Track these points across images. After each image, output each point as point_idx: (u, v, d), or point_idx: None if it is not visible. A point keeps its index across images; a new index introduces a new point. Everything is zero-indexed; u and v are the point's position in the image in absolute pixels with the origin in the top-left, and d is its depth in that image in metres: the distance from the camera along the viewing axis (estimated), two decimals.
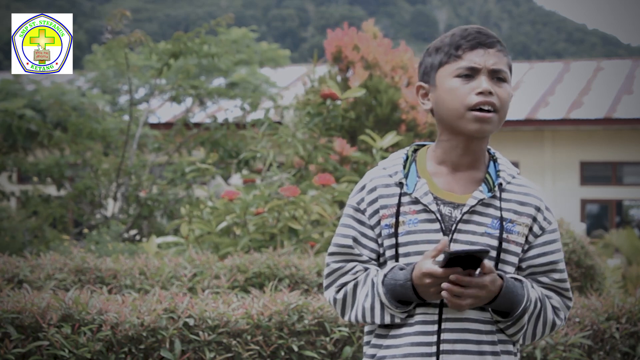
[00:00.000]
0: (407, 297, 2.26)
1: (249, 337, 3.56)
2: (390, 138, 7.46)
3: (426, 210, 2.29)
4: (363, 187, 2.37)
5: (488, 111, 2.29)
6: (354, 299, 2.33)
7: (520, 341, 2.33)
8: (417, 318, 2.28)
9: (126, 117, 12.19)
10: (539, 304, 2.32)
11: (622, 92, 19.97)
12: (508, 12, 73.10)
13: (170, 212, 10.44)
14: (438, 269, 2.17)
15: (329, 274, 2.38)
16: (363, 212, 2.35)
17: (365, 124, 11.37)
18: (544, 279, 2.36)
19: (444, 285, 2.17)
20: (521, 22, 70.94)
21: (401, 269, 2.27)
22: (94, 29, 48.87)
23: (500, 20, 71.94)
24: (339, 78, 12.19)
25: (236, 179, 11.12)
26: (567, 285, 2.40)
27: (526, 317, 2.29)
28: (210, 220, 6.44)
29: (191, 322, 3.49)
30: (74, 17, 5.57)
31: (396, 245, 2.30)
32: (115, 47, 10.18)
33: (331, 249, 2.38)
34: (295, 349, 3.59)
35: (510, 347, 2.32)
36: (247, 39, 13.70)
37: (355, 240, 2.34)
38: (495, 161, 2.40)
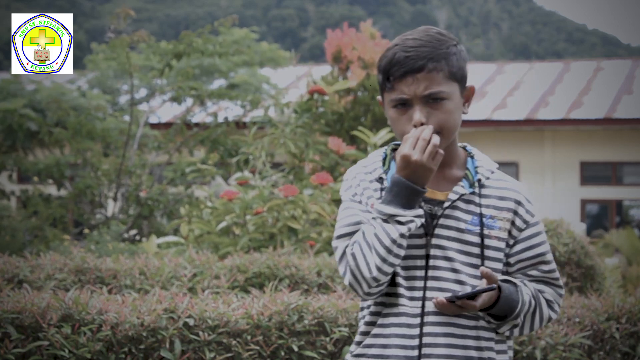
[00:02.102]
0: (405, 192, 2.23)
1: (249, 337, 3.56)
2: (384, 134, 7.45)
3: None
4: (350, 185, 2.39)
5: None
6: (367, 241, 2.25)
7: (516, 334, 2.36)
8: (401, 309, 2.29)
9: (126, 117, 12.20)
10: (533, 302, 2.34)
11: (622, 92, 19.97)
12: (508, 12, 73.09)
13: (170, 212, 10.45)
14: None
15: (341, 256, 2.32)
16: (359, 202, 2.36)
17: (363, 124, 11.37)
18: (533, 272, 2.38)
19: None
20: (521, 22, 70.93)
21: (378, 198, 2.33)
22: (94, 29, 48.89)
23: (500, 20, 71.94)
24: (340, 78, 12.19)
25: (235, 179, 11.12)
26: (557, 274, 2.42)
27: (520, 317, 2.32)
28: (210, 220, 6.44)
29: (191, 322, 3.49)
30: (74, 17, 5.57)
31: None
32: (118, 46, 10.18)
33: (338, 232, 2.34)
34: (295, 349, 3.59)
35: (492, 344, 2.33)
36: (247, 40, 13.69)
37: (361, 222, 2.32)
38: (472, 157, 2.40)
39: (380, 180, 2.35)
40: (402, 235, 2.23)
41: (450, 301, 2.24)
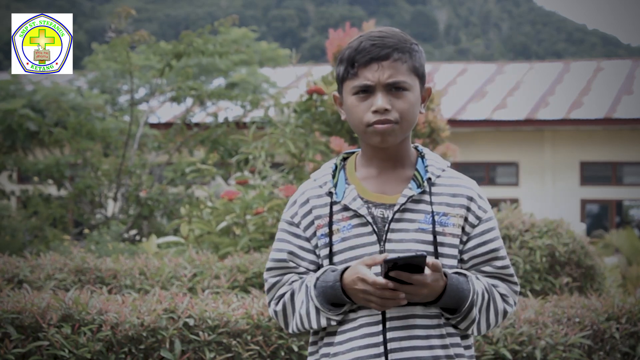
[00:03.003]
0: (339, 300, 2.28)
1: (249, 337, 3.56)
2: None
3: (357, 215, 2.32)
4: (295, 202, 2.40)
5: (387, 123, 2.30)
6: (293, 308, 2.35)
7: (475, 332, 2.35)
8: (360, 321, 2.29)
9: (126, 117, 12.20)
10: (486, 295, 2.34)
11: (622, 92, 19.97)
12: (508, 12, 73.08)
13: (170, 212, 10.45)
14: (371, 276, 2.19)
15: (268, 290, 2.40)
16: (297, 225, 2.37)
17: None
18: (487, 268, 2.38)
19: (376, 293, 2.19)
20: (521, 22, 70.92)
21: (333, 270, 2.30)
22: (94, 29, 48.88)
23: (500, 20, 71.94)
24: None
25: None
26: (511, 270, 2.41)
27: (475, 310, 2.31)
28: (210, 220, 6.44)
29: (191, 322, 3.49)
30: (74, 17, 5.57)
31: (331, 254, 2.33)
32: (119, 45, 10.17)
33: (268, 264, 2.40)
34: (295, 349, 3.59)
35: (457, 340, 2.33)
36: (247, 39, 13.70)
37: (291, 253, 2.36)
38: (422, 157, 2.41)
39: (329, 194, 2.36)
40: (325, 325, 2.31)
41: (385, 275, 2.18)
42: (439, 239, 2.31)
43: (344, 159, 2.43)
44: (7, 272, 4.90)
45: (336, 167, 2.41)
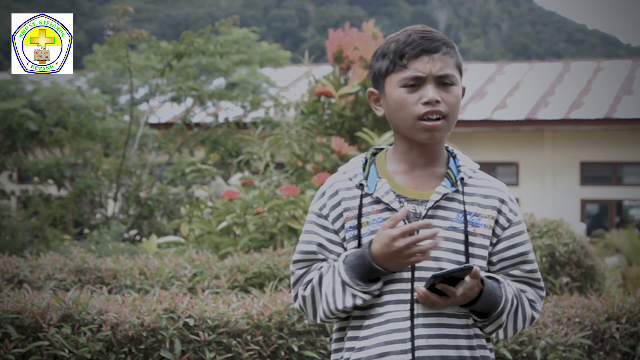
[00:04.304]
0: (369, 271, 2.24)
1: (249, 337, 3.56)
2: (387, 137, 7.47)
3: (389, 208, 2.30)
4: (323, 193, 2.38)
5: (437, 119, 2.29)
6: (320, 291, 2.31)
7: (501, 336, 2.35)
8: (387, 316, 2.27)
9: (126, 117, 12.20)
10: (515, 301, 2.34)
11: (622, 92, 19.96)
12: (508, 13, 73.09)
13: (170, 212, 10.45)
14: (396, 230, 2.19)
15: (295, 282, 2.37)
16: (326, 217, 2.35)
17: (364, 123, 11.36)
18: (515, 271, 2.37)
19: (418, 245, 2.19)
20: (521, 22, 70.93)
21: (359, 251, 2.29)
22: (94, 29, 48.88)
23: (500, 21, 71.93)
24: (342, 79, 12.19)
25: (236, 179, 11.13)
26: (539, 275, 2.41)
27: (504, 316, 2.31)
28: (211, 220, 6.44)
29: (191, 322, 3.49)
30: (74, 17, 5.58)
31: (359, 246, 2.30)
32: (117, 43, 10.17)
33: (295, 256, 2.37)
34: (295, 349, 3.59)
35: (484, 342, 2.33)
36: (247, 40, 13.71)
37: (320, 246, 2.34)
38: (454, 157, 2.40)
39: (360, 186, 2.34)
40: (351, 305, 2.27)
41: (430, 287, 2.21)
42: (471, 239, 2.30)
43: (374, 154, 2.42)
44: (7, 272, 4.90)
45: (366, 160, 2.39)
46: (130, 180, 10.80)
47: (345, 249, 2.33)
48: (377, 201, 2.31)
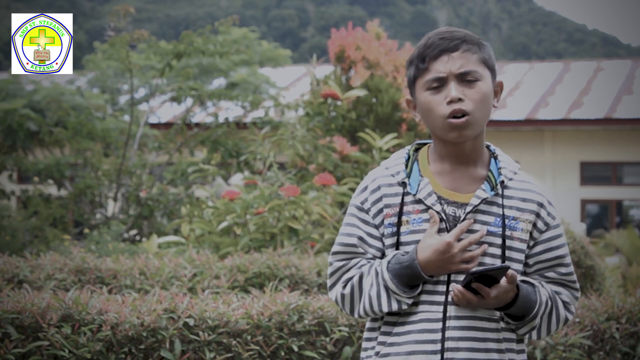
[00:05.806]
0: (414, 279, 2.27)
1: (249, 337, 3.56)
2: (389, 139, 7.47)
3: (429, 209, 2.31)
4: (366, 188, 2.38)
5: (462, 116, 2.28)
6: (361, 291, 2.33)
7: (534, 337, 2.37)
8: (421, 316, 2.29)
9: (126, 117, 12.20)
10: (549, 303, 2.35)
11: (622, 92, 19.96)
12: (508, 12, 73.08)
13: (170, 212, 10.45)
14: (443, 241, 2.23)
15: (333, 273, 2.38)
16: (367, 211, 2.36)
17: (366, 124, 11.36)
18: (551, 274, 2.38)
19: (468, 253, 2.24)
20: (521, 22, 70.92)
21: (403, 254, 2.30)
22: (94, 29, 48.87)
23: (500, 21, 71.93)
24: (343, 79, 12.19)
25: (237, 179, 11.13)
26: (574, 277, 2.43)
27: (538, 318, 2.33)
28: (211, 220, 6.44)
29: (191, 322, 3.48)
30: (74, 17, 5.58)
31: (398, 244, 2.31)
32: (118, 44, 10.17)
33: (335, 248, 2.39)
34: (295, 349, 3.59)
35: (513, 345, 2.34)
36: (247, 39, 13.69)
37: (361, 239, 2.35)
38: (495, 158, 2.40)
39: (402, 184, 2.34)
40: (396, 309, 2.30)
41: (466, 285, 2.22)
42: (508, 243, 2.31)
43: (416, 150, 2.42)
44: (7, 272, 4.90)
45: (409, 157, 2.39)
46: (130, 180, 10.80)
47: (384, 244, 2.34)
48: (419, 201, 2.32)
